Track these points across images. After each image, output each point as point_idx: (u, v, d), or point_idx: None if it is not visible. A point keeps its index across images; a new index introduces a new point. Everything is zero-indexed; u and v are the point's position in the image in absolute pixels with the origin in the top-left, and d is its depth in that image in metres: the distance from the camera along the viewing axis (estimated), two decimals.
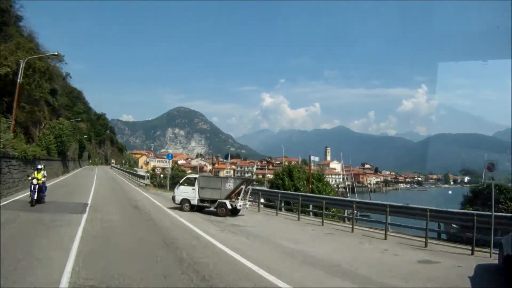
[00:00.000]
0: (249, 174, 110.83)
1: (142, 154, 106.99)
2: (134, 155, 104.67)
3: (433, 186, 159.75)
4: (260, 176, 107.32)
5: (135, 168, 79.55)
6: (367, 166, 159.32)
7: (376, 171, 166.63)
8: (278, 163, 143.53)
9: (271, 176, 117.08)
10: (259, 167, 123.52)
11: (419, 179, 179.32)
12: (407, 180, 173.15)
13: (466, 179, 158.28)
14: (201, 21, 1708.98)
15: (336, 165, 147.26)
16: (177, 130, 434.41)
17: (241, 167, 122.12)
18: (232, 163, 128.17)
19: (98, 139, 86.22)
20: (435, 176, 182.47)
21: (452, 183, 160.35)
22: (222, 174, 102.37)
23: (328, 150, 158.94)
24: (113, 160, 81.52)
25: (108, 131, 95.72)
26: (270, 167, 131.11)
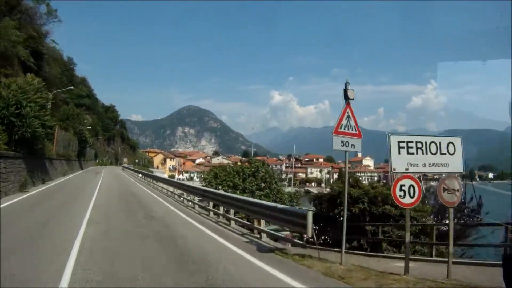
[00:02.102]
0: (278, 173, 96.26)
1: (157, 153, 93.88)
2: (148, 154, 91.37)
3: (462, 183, 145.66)
4: (290, 176, 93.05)
5: (150, 169, 66.44)
6: None
7: None
8: (307, 161, 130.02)
9: (302, 175, 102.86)
10: (287, 165, 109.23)
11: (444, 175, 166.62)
12: (435, 177, 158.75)
13: (491, 175, 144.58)
14: (208, 21, 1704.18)
15: (369, 162, 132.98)
16: (187, 129, 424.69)
17: (269, 165, 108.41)
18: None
19: (106, 135, 72.89)
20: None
21: (478, 179, 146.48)
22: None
23: None
24: (125, 160, 68.21)
25: (118, 126, 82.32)
26: (299, 164, 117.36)
